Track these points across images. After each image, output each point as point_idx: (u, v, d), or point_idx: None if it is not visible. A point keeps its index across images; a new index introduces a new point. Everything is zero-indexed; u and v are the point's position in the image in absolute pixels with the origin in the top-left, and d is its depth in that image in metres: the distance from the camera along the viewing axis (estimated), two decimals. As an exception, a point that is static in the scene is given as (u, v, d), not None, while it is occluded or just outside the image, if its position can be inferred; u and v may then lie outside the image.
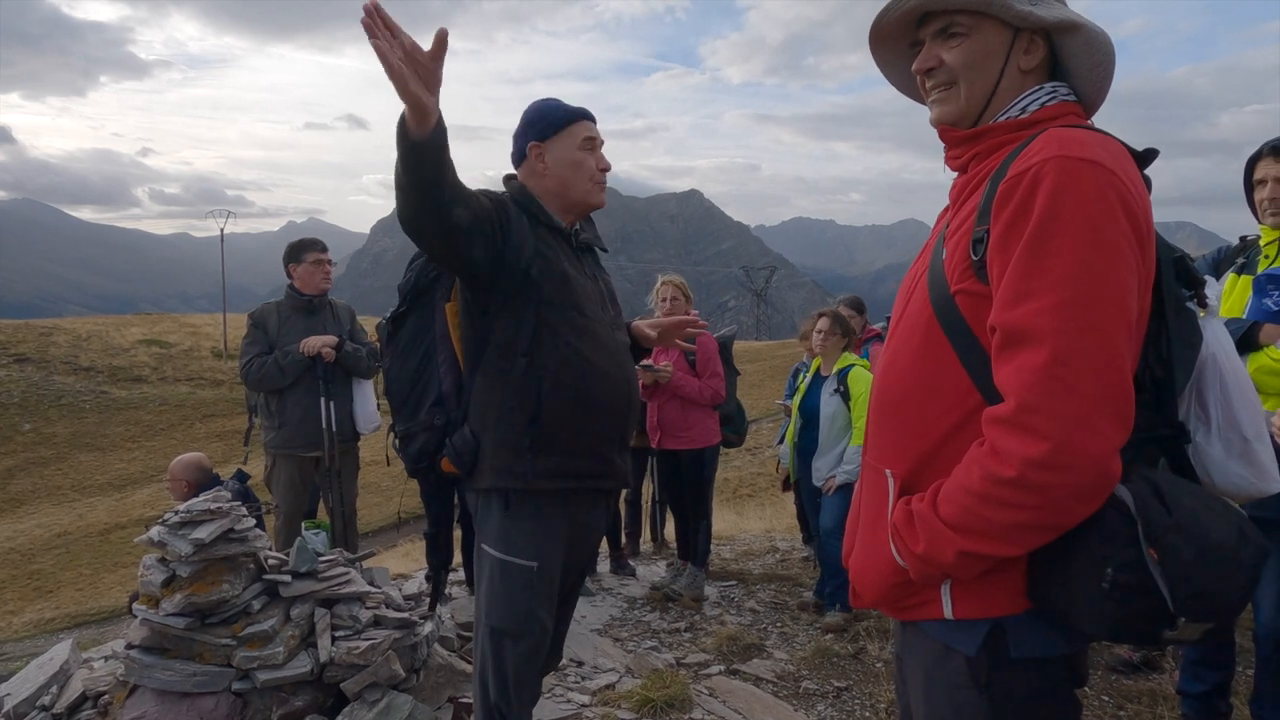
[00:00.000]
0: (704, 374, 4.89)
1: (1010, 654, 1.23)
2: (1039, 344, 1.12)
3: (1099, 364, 1.10)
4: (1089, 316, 1.11)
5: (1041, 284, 1.13)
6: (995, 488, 1.14)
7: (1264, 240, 2.81)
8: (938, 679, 1.32)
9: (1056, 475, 1.10)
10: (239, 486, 4.58)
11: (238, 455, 5.16)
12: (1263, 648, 2.77)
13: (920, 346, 1.33)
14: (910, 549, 1.25)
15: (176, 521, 2.74)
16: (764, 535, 7.78)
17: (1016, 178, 1.19)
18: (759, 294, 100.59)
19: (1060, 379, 1.10)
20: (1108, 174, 1.15)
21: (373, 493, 16.95)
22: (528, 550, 2.17)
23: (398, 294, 2.37)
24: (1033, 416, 1.11)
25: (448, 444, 2.21)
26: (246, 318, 4.70)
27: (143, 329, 44.04)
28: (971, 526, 1.17)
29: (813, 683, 3.79)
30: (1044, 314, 1.12)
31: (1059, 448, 1.09)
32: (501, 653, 2.19)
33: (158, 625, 2.73)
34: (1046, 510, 1.12)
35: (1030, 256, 1.15)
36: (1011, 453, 1.12)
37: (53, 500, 26.56)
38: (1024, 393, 1.12)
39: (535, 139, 2.28)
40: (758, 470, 19.92)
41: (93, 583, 18.09)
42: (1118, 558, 1.12)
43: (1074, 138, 1.20)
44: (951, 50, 1.35)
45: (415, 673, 3.05)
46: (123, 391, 35.50)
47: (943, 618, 1.28)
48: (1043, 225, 1.14)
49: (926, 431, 1.30)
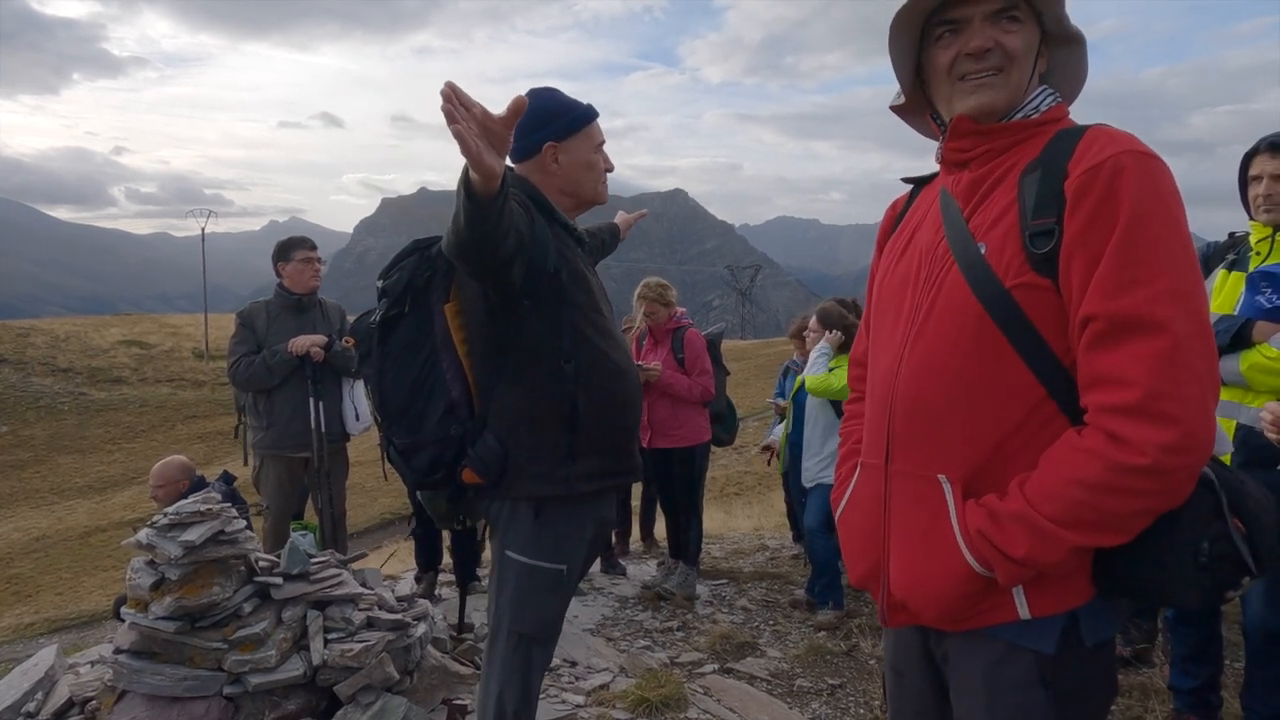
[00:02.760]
0: (693, 372, 4.89)
1: (1083, 642, 1.26)
2: (1159, 331, 1.14)
3: (1207, 347, 1.16)
4: (1195, 302, 1.17)
5: (1147, 273, 1.16)
6: (1122, 477, 1.14)
7: (1255, 237, 2.82)
8: (1001, 682, 1.29)
9: (1185, 458, 1.13)
10: (225, 488, 4.53)
11: (220, 457, 5.11)
12: (1252, 641, 2.79)
13: (967, 346, 1.28)
14: (1006, 553, 1.21)
15: (166, 524, 2.70)
16: (753, 533, 7.79)
17: (1091, 171, 1.20)
18: (744, 293, 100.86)
19: (1183, 364, 1.13)
20: (1167, 168, 1.22)
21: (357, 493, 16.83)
22: (557, 553, 2.13)
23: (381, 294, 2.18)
24: (1163, 403, 1.13)
25: (470, 454, 2.09)
26: (235, 316, 4.65)
27: (122, 330, 43.54)
28: (1084, 520, 1.17)
29: (806, 680, 3.79)
30: (1159, 301, 1.14)
31: (1189, 432, 1.13)
32: (529, 659, 2.16)
33: (147, 629, 2.69)
34: (1167, 494, 1.16)
35: (1130, 245, 1.17)
36: (1143, 440, 1.13)
37: (31, 503, 26.18)
38: (1150, 380, 1.13)
39: (553, 138, 2.22)
40: (745, 469, 19.96)
41: (73, 586, 17.85)
42: (1210, 531, 1.18)
43: (1128, 136, 1.24)
44: (1011, 35, 1.32)
45: (409, 675, 3.03)
46: (102, 393, 35.07)
47: (1017, 619, 1.26)
48: (1137, 216, 1.17)
49: (988, 432, 1.27)
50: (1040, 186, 1.26)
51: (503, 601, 2.16)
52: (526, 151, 2.25)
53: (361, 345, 2.24)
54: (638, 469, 2.31)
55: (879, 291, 1.53)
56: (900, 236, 1.53)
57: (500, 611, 2.17)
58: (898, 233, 1.55)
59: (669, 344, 4.97)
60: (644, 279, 5.07)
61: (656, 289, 4.97)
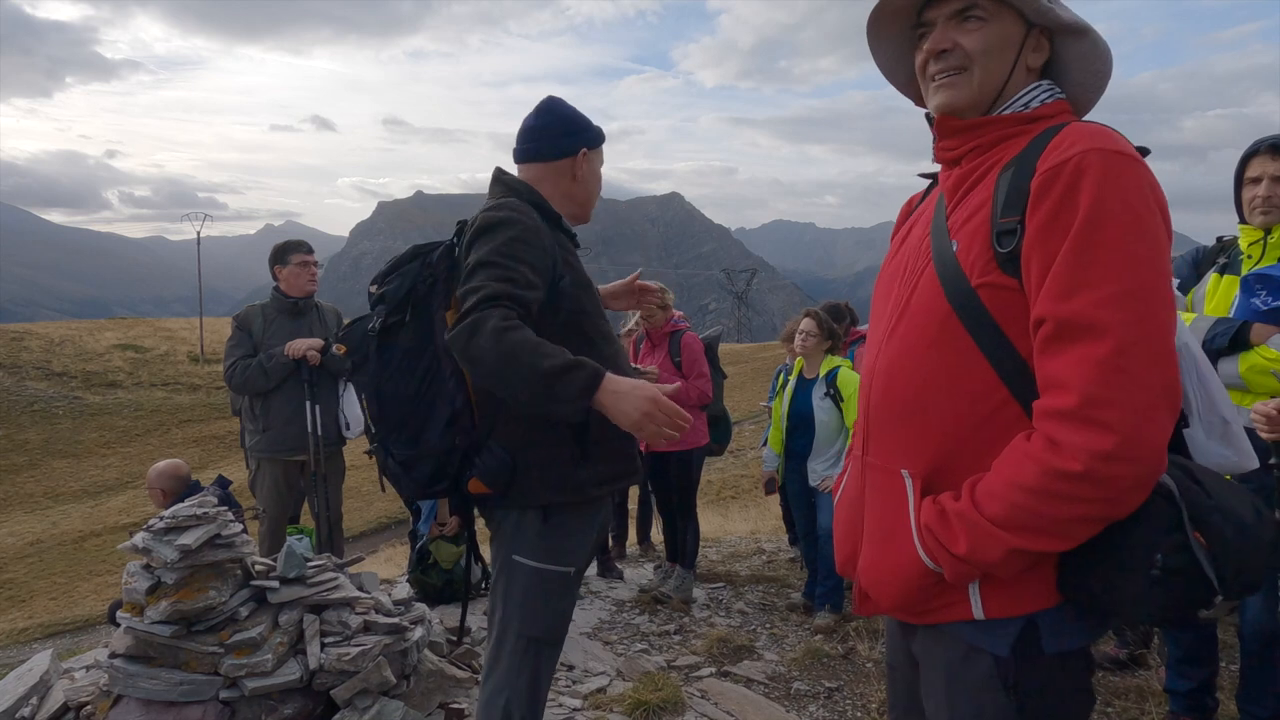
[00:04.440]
0: (690, 375, 4.89)
1: (1043, 650, 1.23)
2: (1101, 335, 1.11)
3: (1158, 355, 1.11)
4: (1146, 308, 1.12)
5: (1097, 275, 1.13)
6: (1056, 482, 1.12)
7: (1246, 240, 2.82)
8: (962, 682, 1.29)
9: (1122, 467, 1.10)
10: (221, 492, 4.51)
11: (216, 461, 5.10)
12: (1248, 643, 2.80)
13: (934, 344, 1.30)
14: (948, 550, 1.22)
15: (162, 527, 2.69)
16: (750, 537, 7.79)
17: (1055, 169, 1.18)
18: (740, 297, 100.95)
19: (1125, 371, 1.10)
20: (1141, 166, 1.18)
21: (353, 497, 16.79)
22: (565, 556, 2.13)
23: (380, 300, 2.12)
24: (1099, 409, 1.10)
25: (477, 464, 2.06)
26: (231, 320, 4.64)
27: (117, 333, 43.39)
28: (1024, 523, 1.15)
29: (804, 684, 3.79)
30: (1104, 305, 1.12)
31: (1126, 440, 1.09)
32: (539, 662, 2.16)
33: (142, 633, 2.68)
34: (1108, 502, 1.13)
35: (1083, 247, 1.14)
36: (1077, 446, 1.11)
37: (25, 508, 26.06)
38: (1089, 385, 1.11)
39: (588, 145, 2.26)
40: (741, 472, 19.96)
41: (67, 591, 17.77)
42: (1166, 543, 1.13)
43: (1102, 131, 1.20)
44: (970, 34, 1.32)
45: (406, 679, 3.02)
46: (97, 397, 34.94)
47: (971, 618, 1.25)
48: (1092, 217, 1.14)
49: (949, 429, 1.28)
50: (1010, 183, 1.24)
51: (510, 606, 2.14)
52: (562, 152, 2.24)
53: (356, 353, 2.15)
54: (639, 470, 2.32)
55: (875, 286, 1.57)
56: (902, 232, 1.56)
57: (508, 616, 2.15)
58: (904, 229, 1.57)
59: (666, 347, 4.98)
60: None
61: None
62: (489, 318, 1.82)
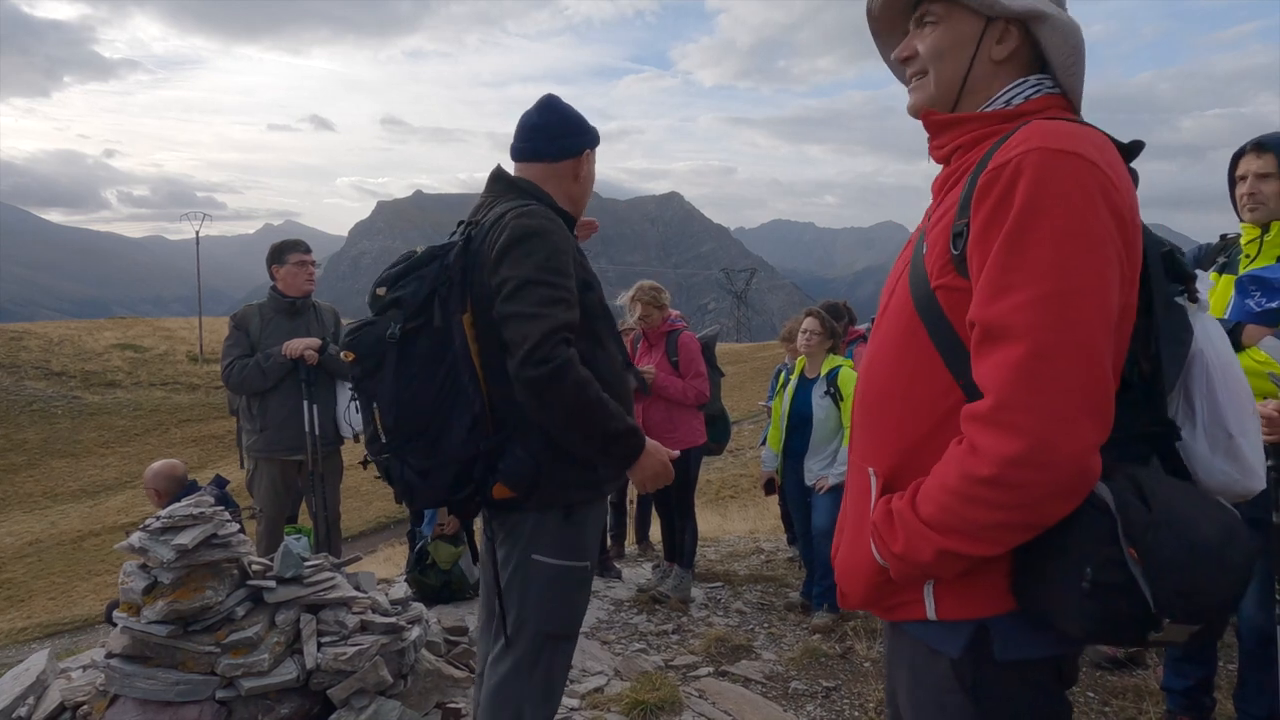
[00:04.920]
0: (687, 374, 4.89)
1: (995, 656, 1.21)
2: (1017, 339, 1.10)
3: (1078, 360, 1.08)
4: (1068, 312, 1.09)
5: (1020, 278, 1.11)
6: (972, 486, 1.12)
7: (1245, 239, 2.83)
8: (923, 681, 1.30)
9: (1034, 473, 1.08)
10: (218, 492, 4.51)
11: (215, 461, 5.10)
12: (1246, 642, 2.80)
13: (901, 343, 1.31)
14: (889, 548, 1.23)
15: (158, 527, 2.69)
16: (748, 536, 7.80)
17: (997, 169, 1.16)
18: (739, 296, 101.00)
19: (1038, 375, 1.08)
20: (1089, 166, 1.13)
21: (352, 497, 16.80)
22: (582, 552, 2.18)
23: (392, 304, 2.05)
24: (1010, 414, 1.09)
25: (501, 469, 2.03)
26: (228, 319, 4.64)
27: (116, 333, 43.38)
28: (950, 525, 1.15)
29: (801, 683, 3.79)
30: (1022, 309, 1.10)
31: (1037, 445, 1.07)
32: (556, 658, 2.18)
33: (139, 633, 2.68)
34: (1024, 509, 1.10)
35: (1009, 250, 1.12)
36: (989, 450, 1.10)
37: (24, 508, 26.06)
38: (1002, 389, 1.10)
39: (590, 146, 2.28)
40: (740, 472, 19.97)
41: (66, 591, 17.77)
42: (1097, 556, 1.09)
43: (1056, 129, 1.17)
44: (925, 39, 1.35)
45: (403, 678, 3.02)
46: (96, 397, 34.92)
47: (925, 618, 1.25)
48: (1022, 218, 1.12)
49: (907, 429, 1.29)
50: (968, 183, 1.23)
51: (528, 606, 2.14)
52: (566, 152, 2.23)
53: (368, 360, 2.05)
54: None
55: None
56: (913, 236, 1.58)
57: (523, 616, 2.14)
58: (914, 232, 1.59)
59: (663, 347, 4.98)
60: (637, 282, 5.08)
61: (650, 292, 4.98)
62: (571, 366, 1.92)
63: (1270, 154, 2.71)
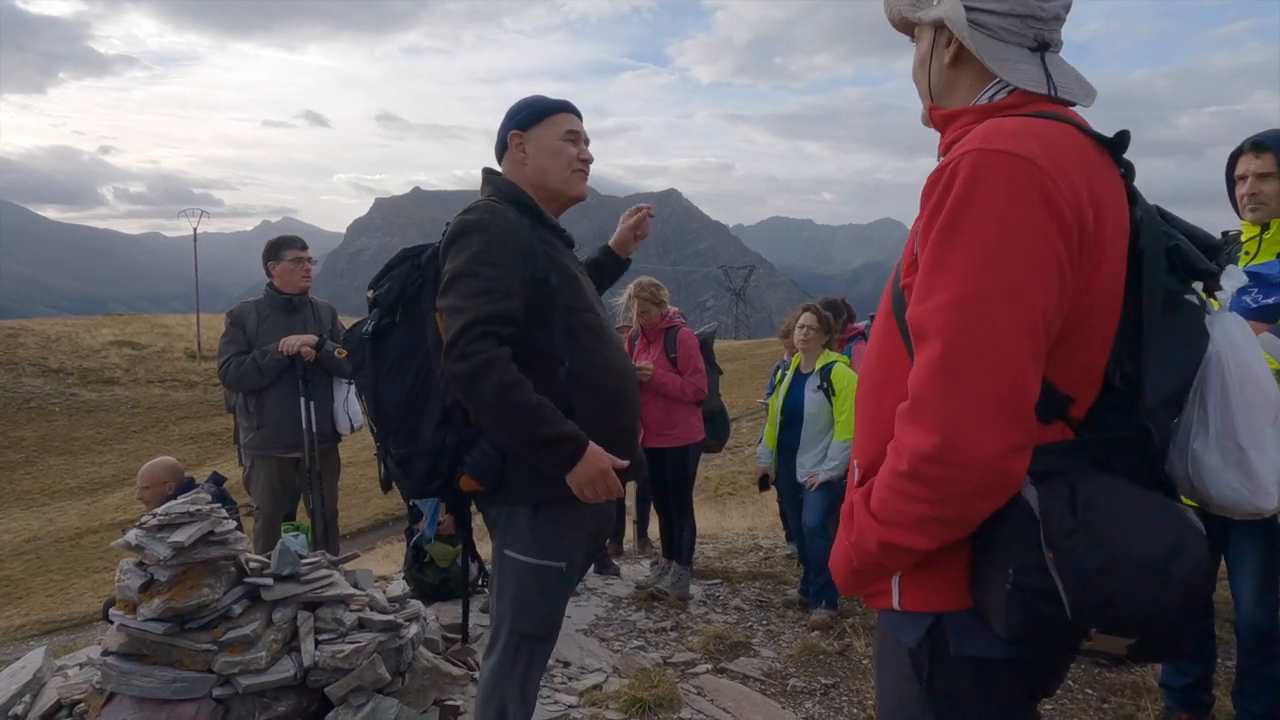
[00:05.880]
0: (685, 371, 4.88)
1: (949, 650, 1.22)
2: (933, 340, 1.12)
3: (988, 362, 1.09)
4: (983, 312, 1.09)
5: (942, 279, 1.12)
6: (896, 479, 1.16)
7: (1244, 236, 2.84)
8: (888, 667, 1.34)
9: (945, 470, 1.10)
10: (215, 489, 4.50)
11: (212, 458, 5.09)
12: (1244, 640, 2.81)
13: (881, 342, 1.35)
14: (848, 536, 1.29)
15: (155, 524, 2.68)
16: (747, 534, 7.80)
17: (940, 170, 1.18)
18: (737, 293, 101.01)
19: (949, 375, 1.10)
20: (1025, 165, 1.11)
21: (350, 494, 16.78)
22: (557, 551, 2.14)
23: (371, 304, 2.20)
24: (923, 412, 1.12)
25: (467, 461, 2.09)
26: (225, 316, 4.62)
27: (114, 330, 43.31)
28: (887, 517, 1.19)
29: (800, 680, 3.79)
30: (940, 311, 1.12)
31: (945, 444, 1.09)
32: (530, 658, 2.17)
33: (135, 631, 2.66)
34: (944, 504, 1.12)
35: (939, 250, 1.14)
36: (906, 446, 1.14)
37: (21, 505, 26.03)
38: (916, 388, 1.14)
39: (517, 128, 2.27)
40: (739, 469, 19.96)
41: (63, 589, 17.75)
42: (1019, 558, 1.10)
43: (999, 128, 1.17)
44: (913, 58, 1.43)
45: (400, 676, 3.01)
46: (93, 394, 34.87)
47: (891, 608, 1.29)
48: (950, 219, 1.13)
49: (884, 423, 1.29)
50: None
51: (504, 602, 2.16)
52: (503, 143, 2.29)
53: (355, 356, 2.22)
54: (639, 465, 2.31)
55: None
56: None
57: (501, 611, 2.16)
58: None
59: (661, 343, 4.97)
60: (636, 279, 5.07)
61: (648, 288, 4.97)
62: (492, 367, 1.92)
63: (1269, 153, 2.72)
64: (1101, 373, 1.21)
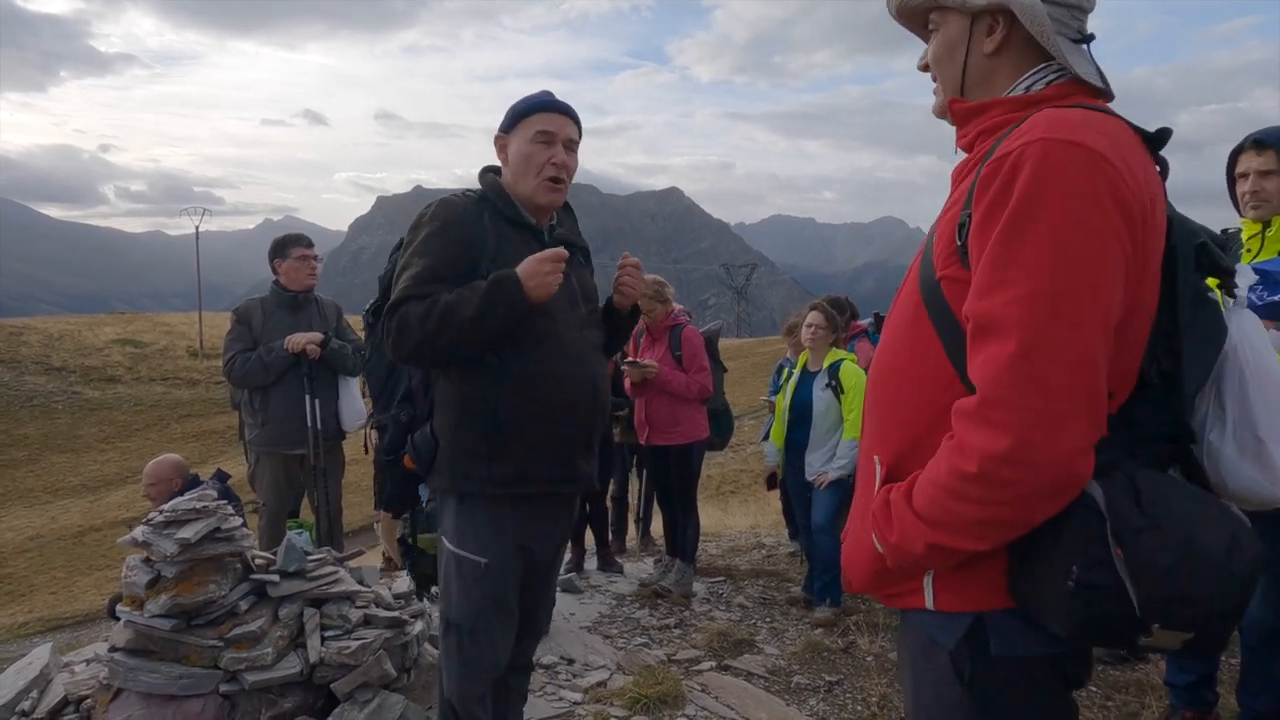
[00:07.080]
0: (690, 369, 4.88)
1: (990, 650, 1.19)
2: (1007, 336, 1.08)
3: (1068, 358, 1.06)
4: (1061, 308, 1.06)
5: (1014, 273, 1.09)
6: (959, 482, 1.11)
7: (1246, 234, 2.83)
8: (923, 672, 1.29)
9: (1018, 471, 1.06)
10: (220, 486, 4.51)
11: (215, 456, 5.10)
12: (1248, 637, 2.80)
13: (908, 334, 1.31)
14: (885, 537, 1.23)
15: (161, 521, 2.69)
16: (750, 531, 7.81)
17: (1000, 160, 1.14)
18: (740, 292, 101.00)
19: (1025, 373, 1.06)
20: (1095, 157, 1.09)
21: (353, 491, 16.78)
22: (479, 547, 2.17)
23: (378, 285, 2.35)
24: (995, 410, 1.08)
25: (409, 441, 2.23)
26: (230, 313, 4.63)
27: (116, 328, 43.35)
28: (939, 519, 1.14)
29: (804, 677, 3.79)
30: (1013, 304, 1.08)
31: (1020, 444, 1.06)
32: (454, 646, 2.21)
33: (142, 627, 2.67)
34: (1009, 506, 1.09)
35: (1005, 243, 1.10)
36: (975, 447, 1.09)
37: (25, 503, 26.06)
38: (988, 386, 1.09)
39: (501, 130, 2.31)
40: (741, 467, 19.97)
41: (67, 586, 17.77)
42: (1084, 556, 1.07)
43: (1063, 118, 1.15)
44: (931, 47, 1.39)
45: (406, 672, 3.02)
46: (96, 392, 34.91)
47: (924, 607, 1.25)
48: (1020, 210, 1.09)
49: (910, 420, 1.28)
50: (978, 173, 1.20)
51: (441, 587, 2.26)
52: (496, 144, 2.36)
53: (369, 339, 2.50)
54: (580, 478, 2.27)
55: None
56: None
57: (441, 596, 2.27)
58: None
59: (666, 341, 4.97)
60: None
61: (653, 286, 4.97)
62: (406, 323, 2.04)
63: (1271, 151, 2.71)
64: (1137, 368, 1.19)
